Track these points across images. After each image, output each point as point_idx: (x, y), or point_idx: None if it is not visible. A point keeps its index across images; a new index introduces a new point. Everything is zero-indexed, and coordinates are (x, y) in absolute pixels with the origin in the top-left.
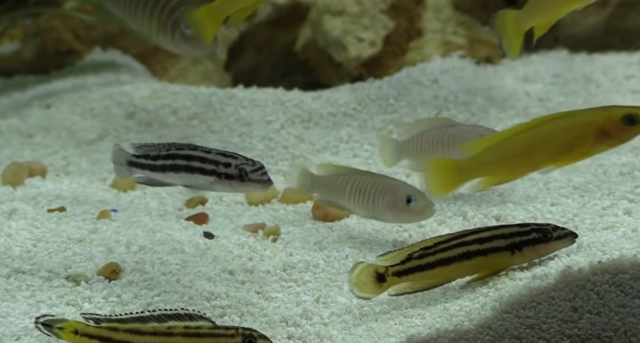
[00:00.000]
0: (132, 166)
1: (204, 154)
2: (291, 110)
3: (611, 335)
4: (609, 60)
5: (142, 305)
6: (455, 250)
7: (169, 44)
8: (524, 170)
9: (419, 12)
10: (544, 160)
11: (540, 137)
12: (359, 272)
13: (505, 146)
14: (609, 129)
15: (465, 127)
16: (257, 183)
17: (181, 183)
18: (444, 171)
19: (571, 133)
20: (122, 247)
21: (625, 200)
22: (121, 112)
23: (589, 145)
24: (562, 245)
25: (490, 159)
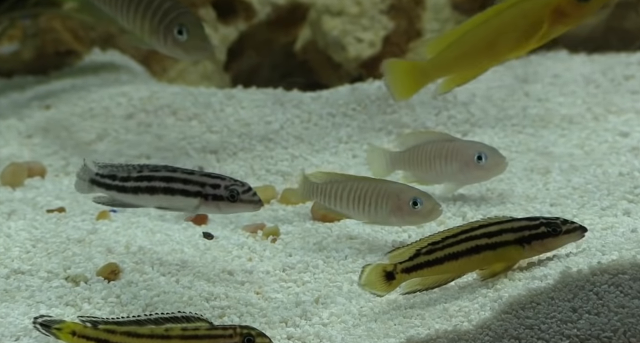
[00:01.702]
0: (94, 185)
1: (187, 176)
2: (290, 111)
3: (610, 336)
4: (608, 60)
5: (142, 305)
6: (463, 244)
7: (162, 47)
8: (486, 63)
9: (418, 12)
10: (505, 49)
11: (498, 27)
12: (368, 273)
13: (464, 42)
14: (564, 8)
15: (463, 143)
16: (249, 204)
17: (154, 205)
18: (406, 73)
19: (528, 18)
20: (121, 248)
21: (625, 201)
22: (120, 113)
23: (547, 27)
24: (571, 239)
25: (451, 57)
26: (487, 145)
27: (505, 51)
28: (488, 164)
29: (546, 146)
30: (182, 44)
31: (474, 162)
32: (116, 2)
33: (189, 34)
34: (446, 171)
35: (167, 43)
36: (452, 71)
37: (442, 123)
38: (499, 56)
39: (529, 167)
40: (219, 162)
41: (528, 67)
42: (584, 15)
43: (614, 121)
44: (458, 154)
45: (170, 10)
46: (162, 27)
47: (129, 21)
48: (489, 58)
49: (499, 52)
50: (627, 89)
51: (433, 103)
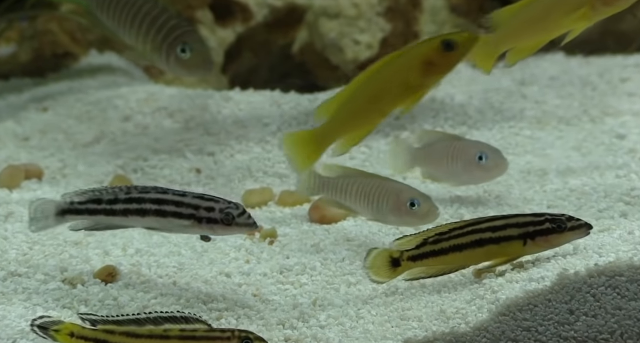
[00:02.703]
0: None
1: (180, 198)
2: (288, 113)
3: (608, 338)
4: (605, 63)
5: (139, 308)
6: (468, 237)
7: (164, 65)
8: (375, 120)
9: (416, 15)
10: (390, 104)
11: (379, 83)
12: (375, 257)
13: (352, 102)
14: (434, 59)
15: (468, 143)
16: (245, 227)
17: (144, 226)
18: (303, 144)
19: (403, 72)
20: (118, 250)
21: (622, 203)
22: (118, 115)
23: (421, 78)
24: (576, 236)
25: (343, 118)
26: (491, 146)
27: (389, 106)
28: (489, 165)
29: (543, 148)
30: (184, 62)
31: (476, 162)
32: (120, 18)
33: (192, 53)
34: (452, 170)
35: (169, 61)
36: (346, 132)
37: (439, 125)
38: (384, 111)
39: (526, 169)
40: (216, 164)
41: (525, 70)
42: (454, 63)
43: (611, 123)
44: (462, 153)
45: (175, 29)
46: (166, 45)
47: (132, 37)
48: (376, 114)
49: (383, 107)
50: (623, 92)
51: (431, 105)
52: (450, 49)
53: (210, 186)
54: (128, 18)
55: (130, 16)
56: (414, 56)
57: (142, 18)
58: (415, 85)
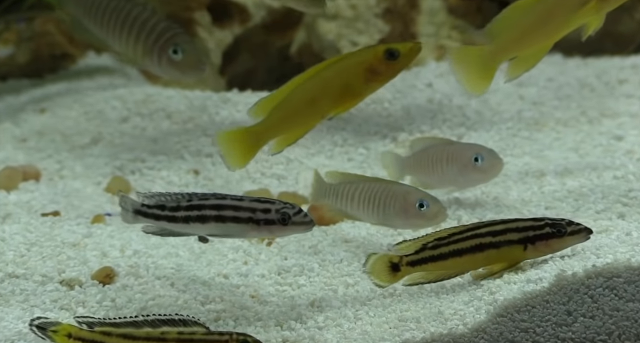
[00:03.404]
0: (140, 216)
1: (237, 202)
2: None
3: (605, 339)
4: (603, 64)
5: (137, 309)
6: (468, 241)
7: (156, 68)
8: (312, 121)
9: (413, 16)
10: (327, 106)
11: (319, 85)
12: (374, 262)
13: (290, 102)
14: (376, 66)
15: (461, 145)
16: (301, 226)
17: (206, 233)
18: (238, 142)
19: (345, 76)
20: (116, 251)
21: (619, 204)
22: (115, 116)
23: (362, 84)
24: (576, 241)
25: (278, 117)
26: (485, 147)
27: (327, 108)
28: (485, 166)
29: (541, 149)
30: (177, 63)
31: (472, 164)
32: (108, 24)
33: (184, 54)
34: (447, 174)
35: (161, 63)
36: (282, 131)
37: (437, 126)
38: (322, 113)
39: (524, 170)
40: (214, 166)
41: None
42: (393, 74)
43: (609, 125)
44: (456, 156)
45: (165, 31)
46: (157, 47)
47: (121, 43)
48: (313, 115)
49: (321, 109)
50: (621, 93)
51: (428, 106)
52: (393, 57)
53: (208, 187)
54: (117, 23)
55: (119, 21)
56: (357, 62)
57: (132, 22)
58: (355, 91)
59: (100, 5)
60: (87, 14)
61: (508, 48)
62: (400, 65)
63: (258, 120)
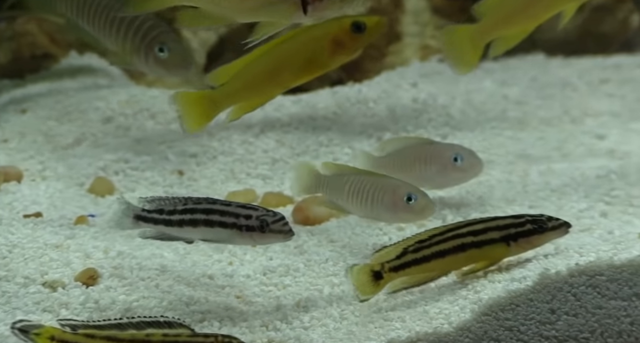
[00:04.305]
0: (141, 221)
1: (224, 207)
2: (271, 114)
3: (588, 337)
4: (585, 64)
5: (120, 310)
6: (449, 242)
7: (143, 66)
8: (272, 91)
9: (398, 15)
10: (289, 77)
11: (282, 55)
12: (357, 273)
13: (251, 70)
14: (342, 38)
15: (441, 145)
16: (279, 234)
17: (198, 237)
18: (195, 105)
19: (309, 47)
20: (99, 253)
21: (602, 203)
22: (98, 117)
23: (327, 56)
24: (556, 235)
25: (239, 85)
26: (464, 147)
27: (290, 79)
28: (465, 166)
29: (524, 149)
30: (163, 62)
31: (452, 164)
32: (99, 22)
33: (171, 52)
34: (425, 174)
35: (148, 61)
36: (241, 99)
37: (422, 126)
38: (284, 84)
39: (508, 169)
40: (198, 166)
41: (506, 71)
42: (359, 47)
43: (591, 124)
44: (436, 156)
45: (151, 29)
46: (144, 45)
47: (111, 41)
48: (274, 85)
49: (283, 79)
50: (603, 92)
51: (413, 106)
52: (359, 30)
53: (192, 188)
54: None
55: (108, 19)
56: (322, 33)
57: (120, 20)
58: (319, 63)
59: (91, 4)
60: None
61: (494, 28)
62: (365, 38)
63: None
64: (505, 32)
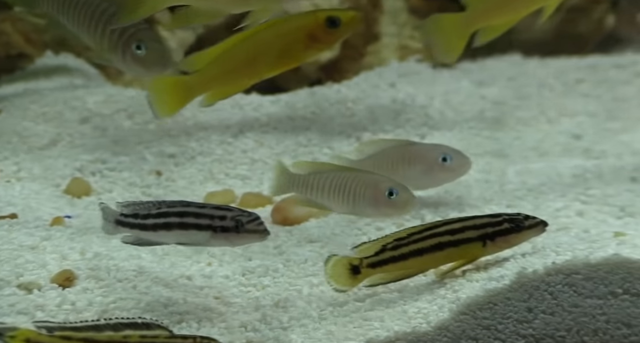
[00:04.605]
0: (120, 225)
1: (198, 209)
2: (249, 114)
3: (564, 335)
4: (561, 64)
5: (97, 312)
6: (427, 241)
7: (121, 63)
8: (247, 80)
9: (376, 16)
10: (265, 67)
11: (258, 45)
12: (334, 265)
13: (227, 58)
14: (316, 32)
15: (426, 146)
16: (255, 234)
17: (173, 241)
18: (169, 90)
19: (284, 39)
20: (76, 254)
21: (578, 202)
22: (75, 117)
23: (302, 49)
24: (533, 234)
25: (214, 72)
26: (450, 147)
27: (264, 69)
28: (453, 165)
29: (502, 148)
30: (140, 59)
31: (439, 164)
32: (78, 19)
33: (148, 50)
34: (410, 174)
35: (125, 59)
36: (215, 86)
37: (400, 126)
38: (258, 73)
39: (486, 169)
40: (177, 167)
41: (484, 71)
42: (333, 41)
43: (567, 124)
44: (422, 156)
45: (129, 27)
46: (121, 43)
47: (90, 38)
48: (249, 74)
49: (258, 69)
50: (579, 93)
51: (391, 106)
52: (334, 25)
53: (170, 188)
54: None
55: (87, 16)
56: (297, 26)
57: (98, 16)
58: (293, 55)
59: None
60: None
61: (480, 17)
62: (340, 33)
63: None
64: (489, 22)
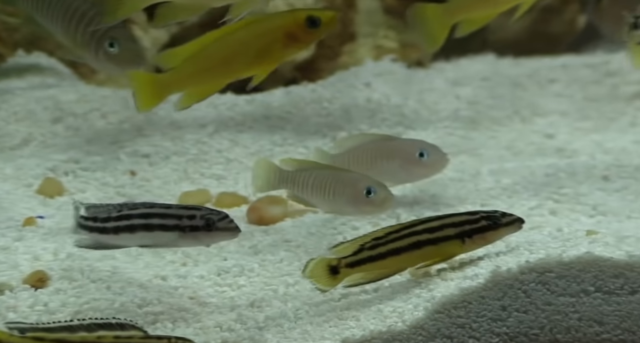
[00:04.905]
0: (80, 228)
1: (164, 210)
2: (224, 114)
3: (538, 333)
4: (534, 64)
5: (70, 313)
6: (405, 240)
7: (93, 61)
8: (223, 79)
9: (351, 16)
10: (241, 66)
11: (236, 44)
12: (313, 268)
13: (203, 56)
14: (296, 32)
15: (404, 141)
16: (226, 232)
17: (137, 244)
18: (145, 86)
19: (263, 38)
20: (49, 255)
21: (551, 201)
22: (47, 117)
23: (280, 49)
24: (510, 231)
25: (191, 70)
26: (428, 143)
27: (241, 68)
28: (430, 161)
29: (476, 148)
30: (113, 57)
31: (416, 159)
32: (51, 15)
33: (121, 48)
34: (387, 170)
35: (98, 56)
36: (190, 84)
37: (375, 125)
38: (235, 72)
39: (460, 168)
40: (151, 166)
41: (458, 70)
42: (312, 41)
43: (540, 123)
44: (399, 151)
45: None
46: (94, 40)
47: (63, 35)
48: (225, 73)
49: (234, 68)
50: (552, 92)
51: (367, 106)
52: (314, 26)
53: (145, 188)
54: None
55: (60, 11)
56: (276, 26)
57: (72, 13)
58: (272, 54)
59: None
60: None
61: (461, 9)
62: (319, 33)
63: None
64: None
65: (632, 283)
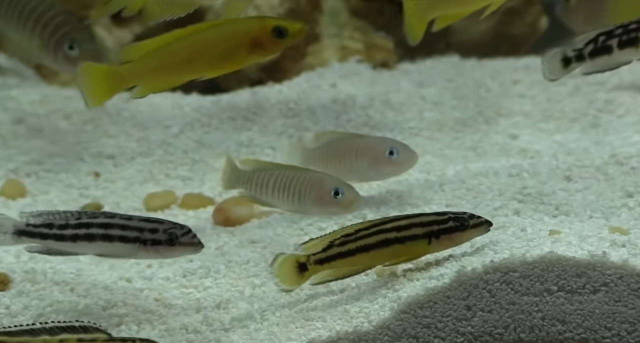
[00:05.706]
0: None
1: (125, 221)
2: (190, 115)
3: (502, 332)
4: (497, 65)
5: (33, 316)
6: (374, 237)
7: (51, 62)
8: (182, 77)
9: (316, 16)
10: (203, 67)
11: (200, 44)
12: (280, 264)
13: (165, 53)
14: (262, 39)
15: (373, 139)
16: (189, 247)
17: (94, 252)
18: (99, 78)
19: (228, 42)
20: (10, 257)
21: (515, 201)
22: (8, 118)
23: (244, 54)
24: (478, 233)
25: (149, 66)
26: (398, 141)
27: (202, 69)
28: (400, 159)
29: (441, 148)
30: (73, 59)
31: (386, 157)
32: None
33: (81, 49)
34: (357, 167)
35: (57, 58)
36: (148, 79)
37: (342, 126)
38: (195, 72)
39: (426, 169)
40: (116, 168)
41: (423, 72)
42: (277, 50)
43: (504, 124)
44: (368, 149)
45: (62, 25)
46: (53, 41)
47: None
48: (186, 72)
49: (196, 68)
50: (515, 93)
51: (333, 107)
52: (281, 36)
53: (109, 190)
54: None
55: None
56: (243, 31)
57: (29, 14)
58: (235, 58)
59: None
60: None
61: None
62: (285, 43)
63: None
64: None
65: (594, 283)
